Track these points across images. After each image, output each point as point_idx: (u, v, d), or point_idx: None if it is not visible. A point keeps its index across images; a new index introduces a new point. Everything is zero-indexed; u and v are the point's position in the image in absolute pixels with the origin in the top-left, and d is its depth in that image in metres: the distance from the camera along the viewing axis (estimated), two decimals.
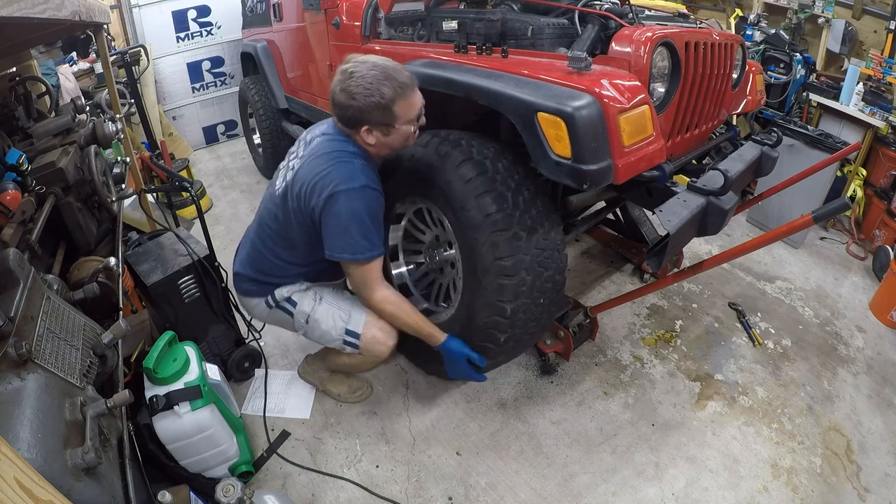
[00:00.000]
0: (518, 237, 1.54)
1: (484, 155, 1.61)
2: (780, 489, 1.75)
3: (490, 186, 1.55)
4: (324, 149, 1.55)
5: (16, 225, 1.41)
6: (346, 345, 1.73)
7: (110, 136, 2.12)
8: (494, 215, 1.53)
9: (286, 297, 1.78)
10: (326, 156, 1.53)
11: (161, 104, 4.33)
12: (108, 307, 1.54)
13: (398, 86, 1.45)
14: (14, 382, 0.90)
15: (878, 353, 2.37)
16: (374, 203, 1.53)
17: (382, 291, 1.64)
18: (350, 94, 1.44)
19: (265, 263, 1.74)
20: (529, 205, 1.59)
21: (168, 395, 1.46)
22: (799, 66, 3.49)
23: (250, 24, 3.86)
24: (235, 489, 1.30)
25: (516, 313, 1.61)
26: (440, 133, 1.72)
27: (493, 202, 1.54)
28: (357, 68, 1.45)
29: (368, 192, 1.50)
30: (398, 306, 1.66)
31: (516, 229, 1.54)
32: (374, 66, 1.45)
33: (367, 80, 1.43)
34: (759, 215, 3.30)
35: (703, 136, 1.99)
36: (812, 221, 1.39)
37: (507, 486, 1.75)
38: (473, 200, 1.55)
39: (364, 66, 1.45)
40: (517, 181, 1.60)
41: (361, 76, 1.43)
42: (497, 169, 1.59)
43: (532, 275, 1.58)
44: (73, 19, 1.52)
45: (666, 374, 2.19)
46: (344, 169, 1.49)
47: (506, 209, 1.54)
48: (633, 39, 1.56)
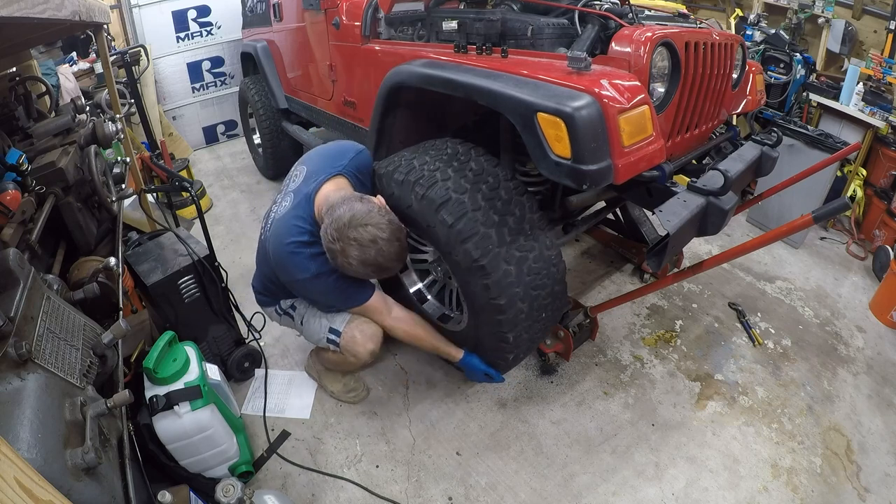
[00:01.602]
0: (508, 274, 1.52)
1: (462, 188, 1.55)
2: (780, 489, 1.75)
3: (472, 230, 1.51)
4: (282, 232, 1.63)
5: (16, 225, 1.41)
6: (329, 342, 1.79)
7: (110, 136, 2.12)
8: (480, 260, 1.50)
9: (290, 304, 1.89)
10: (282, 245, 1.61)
11: (161, 104, 4.33)
12: (108, 307, 1.54)
13: (381, 271, 1.57)
14: (14, 382, 0.90)
15: (878, 353, 2.37)
16: (328, 282, 1.63)
17: (394, 316, 1.76)
18: (350, 250, 1.50)
19: (269, 283, 1.86)
20: (517, 233, 1.55)
21: (168, 395, 1.46)
22: (799, 66, 3.49)
23: (250, 24, 3.86)
24: (235, 489, 1.30)
25: (519, 336, 1.64)
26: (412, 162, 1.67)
27: (477, 247, 1.50)
28: (378, 237, 1.50)
29: (322, 278, 1.61)
30: (410, 327, 1.78)
31: (505, 267, 1.52)
32: (380, 252, 1.51)
33: (369, 259, 1.51)
34: (759, 215, 3.30)
35: (703, 136, 1.99)
36: (812, 221, 1.39)
37: (507, 486, 1.75)
38: (459, 247, 1.52)
39: (381, 241, 1.50)
40: (500, 209, 1.56)
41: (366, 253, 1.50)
42: (477, 203, 1.53)
43: (528, 301, 1.58)
44: (73, 19, 1.52)
45: (666, 374, 2.19)
46: (294, 260, 1.60)
47: (491, 250, 1.50)
48: (632, 39, 1.56)
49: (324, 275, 1.60)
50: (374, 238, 1.49)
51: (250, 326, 2.20)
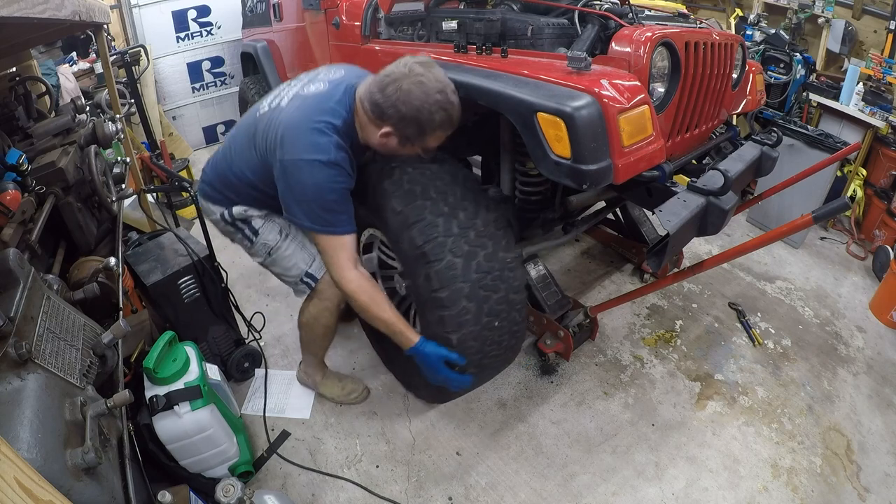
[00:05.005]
0: (452, 266, 1.47)
1: (415, 181, 1.54)
2: (780, 489, 1.75)
3: (418, 216, 1.49)
4: (311, 107, 1.44)
5: (16, 225, 1.41)
6: (302, 283, 1.72)
7: (110, 136, 2.12)
8: (424, 247, 1.47)
9: (244, 219, 1.68)
10: (308, 119, 1.41)
11: (161, 104, 4.32)
12: (108, 307, 1.54)
13: (447, 121, 1.39)
14: (14, 382, 0.90)
15: (878, 353, 2.37)
16: (337, 181, 1.42)
17: (356, 278, 1.49)
18: (406, 96, 1.33)
19: (228, 174, 1.63)
20: (467, 227, 1.52)
21: (168, 395, 1.46)
22: (799, 66, 3.49)
23: (250, 24, 3.86)
24: (235, 489, 1.30)
25: (464, 342, 1.53)
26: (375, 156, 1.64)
27: (421, 234, 1.47)
28: (427, 77, 1.35)
29: (329, 172, 1.39)
30: (372, 297, 1.51)
31: (450, 258, 1.46)
32: (442, 89, 1.36)
33: (430, 97, 1.34)
34: (759, 215, 3.30)
35: (703, 136, 1.99)
36: (812, 221, 1.39)
37: (507, 485, 1.75)
38: (405, 233, 1.50)
39: (434, 79, 1.35)
40: (452, 202, 1.54)
41: (426, 90, 1.34)
42: (428, 194, 1.52)
43: (475, 301, 1.50)
44: (73, 19, 1.52)
45: (666, 374, 2.19)
46: (316, 138, 1.39)
47: (436, 238, 1.47)
48: (632, 39, 1.56)
49: (334, 171, 1.40)
50: (444, 84, 1.37)
51: (250, 326, 2.20)
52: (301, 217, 1.45)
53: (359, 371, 2.20)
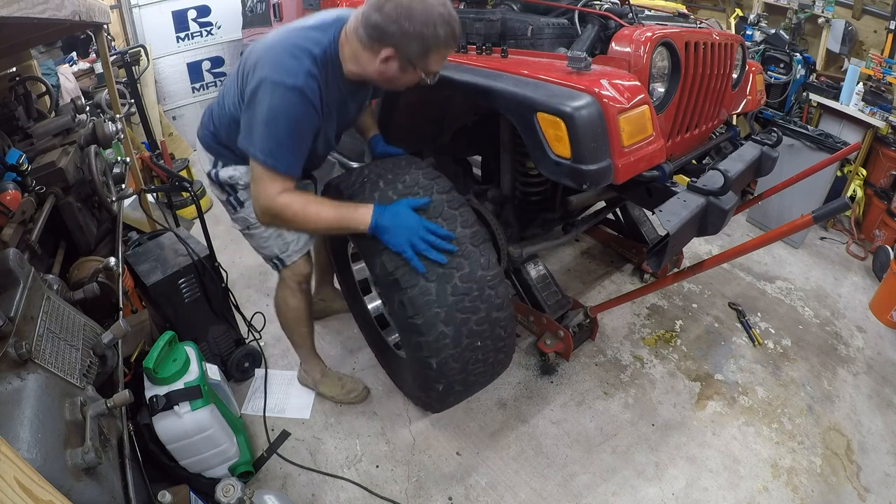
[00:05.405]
0: (426, 291, 1.39)
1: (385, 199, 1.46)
2: (780, 489, 1.75)
3: None
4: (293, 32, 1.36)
5: (16, 225, 1.41)
6: (272, 262, 1.74)
7: (110, 136, 2.12)
8: (395, 273, 1.40)
9: (231, 185, 1.62)
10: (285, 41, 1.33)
11: (161, 104, 4.32)
12: (108, 307, 1.55)
13: (451, 36, 1.29)
14: (14, 382, 0.90)
15: (878, 353, 2.37)
16: (296, 110, 1.29)
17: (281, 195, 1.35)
18: (407, 11, 1.24)
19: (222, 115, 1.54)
20: None
21: (168, 395, 1.46)
22: (799, 66, 3.49)
23: (250, 24, 3.85)
24: (235, 489, 1.30)
25: (445, 364, 1.48)
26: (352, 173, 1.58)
27: (391, 260, 1.40)
28: None
29: (293, 99, 1.27)
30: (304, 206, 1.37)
31: (423, 283, 1.39)
32: (444, 2, 1.27)
33: (433, 11, 1.25)
34: (759, 215, 3.30)
35: (703, 136, 1.99)
36: (812, 221, 1.39)
37: (507, 485, 1.75)
38: (376, 259, 1.44)
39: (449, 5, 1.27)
40: None
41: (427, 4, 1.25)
42: None
43: (453, 325, 1.42)
44: (73, 19, 1.52)
45: (666, 374, 2.19)
46: (286, 60, 1.29)
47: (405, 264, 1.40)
48: (632, 39, 1.56)
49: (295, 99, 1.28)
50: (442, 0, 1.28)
51: (250, 326, 2.20)
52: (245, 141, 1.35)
53: (359, 371, 2.20)
